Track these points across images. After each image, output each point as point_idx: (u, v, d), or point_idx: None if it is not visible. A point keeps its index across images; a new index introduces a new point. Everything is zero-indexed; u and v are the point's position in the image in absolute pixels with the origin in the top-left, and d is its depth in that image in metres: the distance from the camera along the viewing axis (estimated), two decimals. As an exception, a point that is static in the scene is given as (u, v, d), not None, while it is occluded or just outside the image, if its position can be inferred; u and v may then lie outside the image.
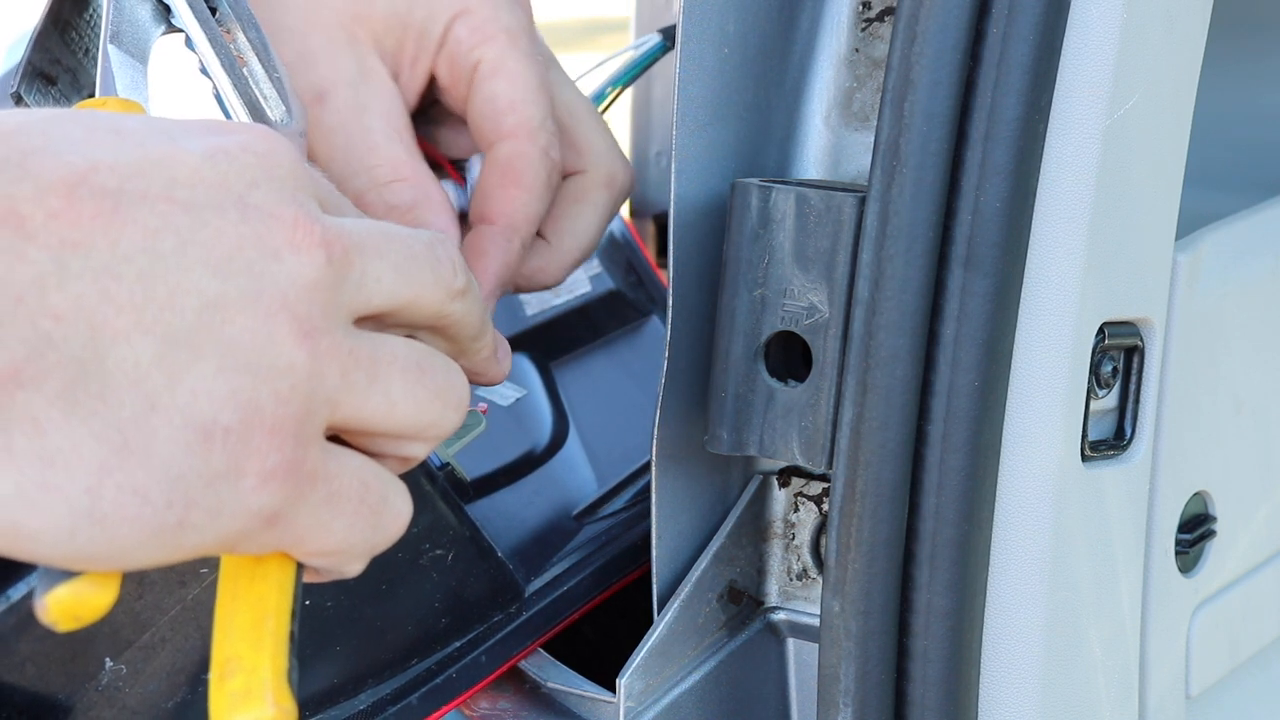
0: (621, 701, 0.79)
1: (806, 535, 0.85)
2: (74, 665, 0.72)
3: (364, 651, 0.78)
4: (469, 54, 0.80)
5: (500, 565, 0.81)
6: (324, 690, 0.77)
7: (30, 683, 0.71)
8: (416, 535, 0.77)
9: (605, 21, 3.67)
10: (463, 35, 0.80)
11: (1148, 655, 0.86)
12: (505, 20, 0.80)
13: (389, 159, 0.78)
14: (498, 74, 0.80)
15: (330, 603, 0.76)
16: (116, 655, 0.72)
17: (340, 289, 0.56)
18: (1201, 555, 0.91)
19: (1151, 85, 0.76)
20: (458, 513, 0.78)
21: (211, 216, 0.54)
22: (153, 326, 0.52)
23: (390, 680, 0.80)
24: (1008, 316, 0.74)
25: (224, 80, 0.71)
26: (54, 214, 0.51)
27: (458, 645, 0.81)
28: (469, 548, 0.79)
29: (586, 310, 1.08)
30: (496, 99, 0.80)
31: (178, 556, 0.54)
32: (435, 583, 0.79)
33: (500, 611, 0.82)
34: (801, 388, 0.76)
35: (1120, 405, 0.82)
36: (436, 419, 0.60)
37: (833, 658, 0.76)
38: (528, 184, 0.80)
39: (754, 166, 0.82)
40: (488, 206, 0.80)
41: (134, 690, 0.72)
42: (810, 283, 0.76)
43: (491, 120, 0.80)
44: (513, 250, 0.79)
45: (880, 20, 0.83)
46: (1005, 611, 0.77)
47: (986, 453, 0.75)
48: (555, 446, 1.00)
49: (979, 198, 0.73)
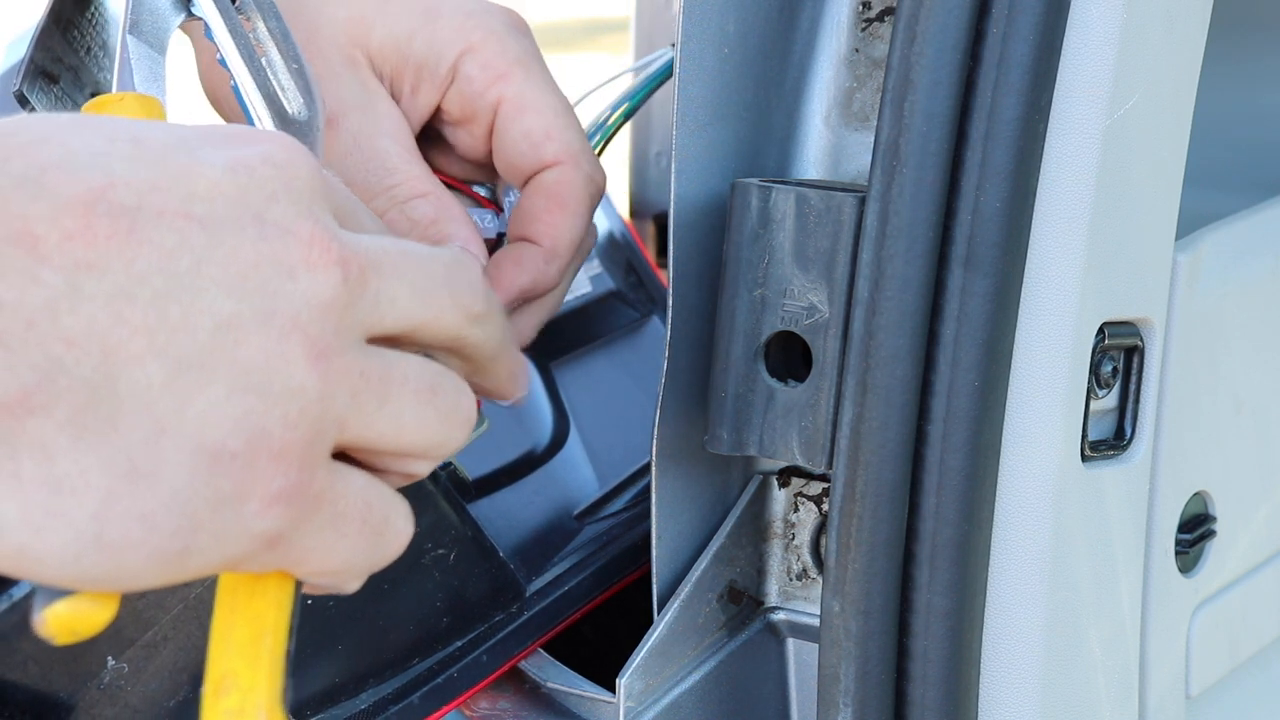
0: (621, 701, 0.79)
1: (806, 535, 0.85)
2: (76, 664, 0.72)
3: (366, 651, 0.78)
4: (485, 93, 0.80)
5: (502, 565, 0.81)
6: (325, 689, 0.77)
7: (33, 681, 0.71)
8: (419, 535, 0.77)
9: (605, 21, 3.67)
10: (474, 73, 0.79)
11: (1148, 655, 0.86)
12: (514, 51, 0.80)
13: (407, 177, 0.78)
14: (525, 110, 0.80)
15: (332, 602, 0.76)
16: (119, 653, 0.72)
17: (355, 308, 0.55)
18: (1201, 555, 0.91)
19: (1151, 85, 0.76)
20: (460, 512, 0.78)
21: (228, 234, 0.53)
22: (165, 349, 0.51)
23: (392, 680, 0.80)
24: (1008, 316, 0.74)
25: (242, 72, 0.70)
26: (69, 235, 0.50)
27: (459, 645, 0.81)
28: (471, 547, 0.79)
29: (586, 310, 1.08)
30: (532, 133, 0.79)
31: (180, 578, 0.54)
32: (437, 582, 0.79)
33: (501, 611, 0.82)
34: (801, 388, 0.76)
35: (1120, 405, 0.82)
36: (444, 440, 0.60)
37: (833, 658, 0.76)
38: (573, 209, 0.79)
39: (754, 166, 0.82)
40: (531, 228, 0.80)
41: (136, 689, 0.73)
42: (810, 283, 0.76)
43: (530, 154, 0.80)
44: (549, 272, 0.79)
45: (880, 20, 0.83)
46: (1005, 611, 0.77)
47: (986, 453, 0.75)
48: (556, 446, 1.00)
49: (979, 198, 0.73)
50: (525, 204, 0.80)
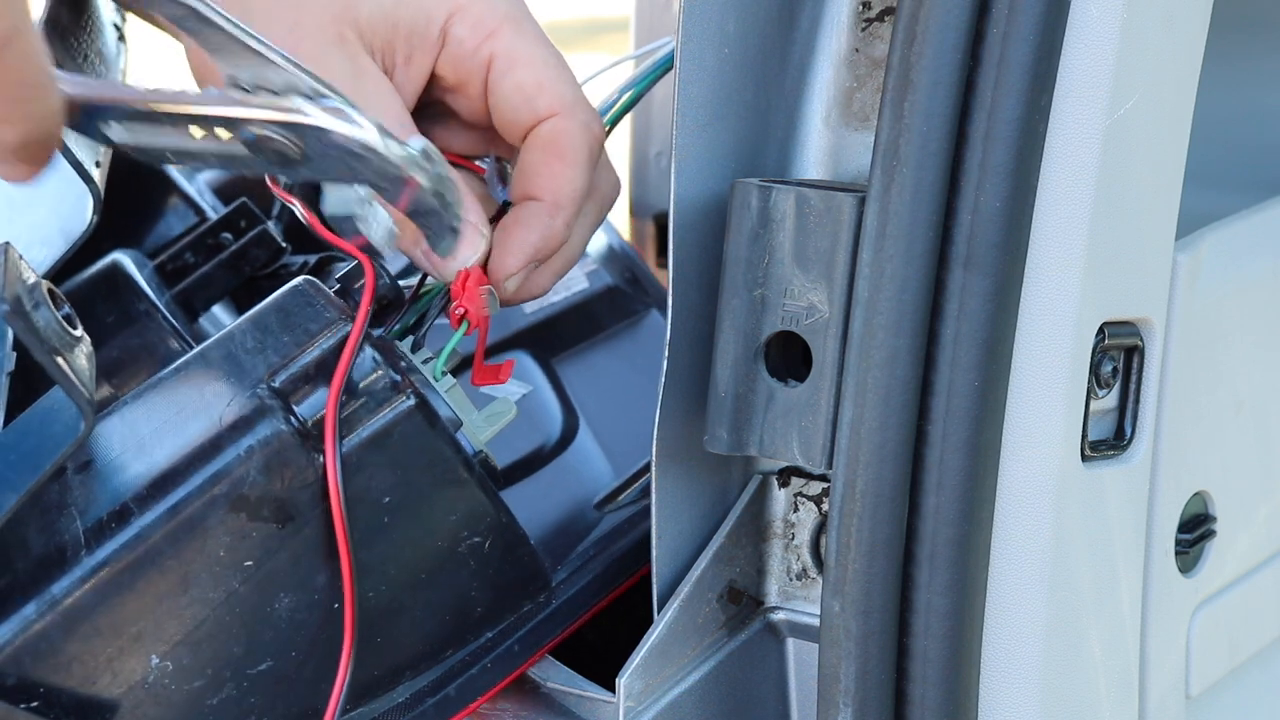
0: (621, 701, 0.79)
1: (806, 535, 0.85)
2: (120, 663, 0.72)
3: (403, 643, 0.78)
4: (476, 53, 0.80)
5: (532, 553, 0.81)
6: (364, 684, 0.78)
7: (77, 683, 0.72)
8: (455, 523, 0.77)
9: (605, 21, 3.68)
10: (464, 34, 0.80)
11: (1148, 655, 0.86)
12: (503, 8, 0.80)
13: None
14: (515, 65, 0.80)
15: (372, 592, 0.76)
16: (162, 652, 0.72)
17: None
18: (1201, 555, 0.91)
19: (1151, 85, 0.76)
20: (494, 500, 0.78)
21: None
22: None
23: (427, 672, 0.80)
24: (1008, 316, 0.74)
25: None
26: None
27: (490, 635, 0.81)
28: (505, 535, 0.79)
29: (585, 306, 1.08)
30: (524, 87, 0.79)
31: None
32: (472, 571, 0.79)
33: (530, 601, 0.82)
34: (801, 388, 0.76)
35: (1120, 405, 0.82)
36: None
37: (833, 658, 0.76)
38: (571, 158, 0.79)
39: (754, 166, 0.82)
40: (532, 184, 0.79)
41: (180, 687, 0.73)
42: (810, 283, 0.76)
43: (524, 108, 0.80)
44: (555, 226, 0.79)
45: (880, 20, 0.83)
46: (1005, 611, 0.77)
47: (986, 453, 0.75)
48: (567, 440, 1.00)
49: (979, 198, 0.73)
50: (523, 160, 0.80)
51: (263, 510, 0.73)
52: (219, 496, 0.72)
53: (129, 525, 0.72)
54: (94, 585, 0.71)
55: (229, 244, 0.99)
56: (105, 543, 0.72)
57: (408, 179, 0.71)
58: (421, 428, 0.75)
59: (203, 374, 0.76)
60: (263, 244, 0.99)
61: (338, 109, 0.69)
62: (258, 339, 0.76)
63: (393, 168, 0.70)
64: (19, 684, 0.71)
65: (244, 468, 0.73)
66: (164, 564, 0.72)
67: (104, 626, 0.72)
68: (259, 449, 0.73)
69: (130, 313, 0.91)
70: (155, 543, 0.72)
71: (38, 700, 0.71)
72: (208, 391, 0.75)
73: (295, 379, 0.74)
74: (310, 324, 0.76)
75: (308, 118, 0.69)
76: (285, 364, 0.75)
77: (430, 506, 0.76)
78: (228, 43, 0.68)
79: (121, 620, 0.72)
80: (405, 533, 0.76)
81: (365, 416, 0.74)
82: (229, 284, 0.99)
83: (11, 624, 0.71)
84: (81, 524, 0.72)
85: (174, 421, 0.75)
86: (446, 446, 0.76)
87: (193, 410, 0.75)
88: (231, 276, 0.99)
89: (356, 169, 0.70)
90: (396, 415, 0.75)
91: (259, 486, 0.73)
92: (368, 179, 0.71)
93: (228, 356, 0.76)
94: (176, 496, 0.72)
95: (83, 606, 0.71)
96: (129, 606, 0.72)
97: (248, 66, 0.69)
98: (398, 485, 0.75)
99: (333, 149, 0.69)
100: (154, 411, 0.75)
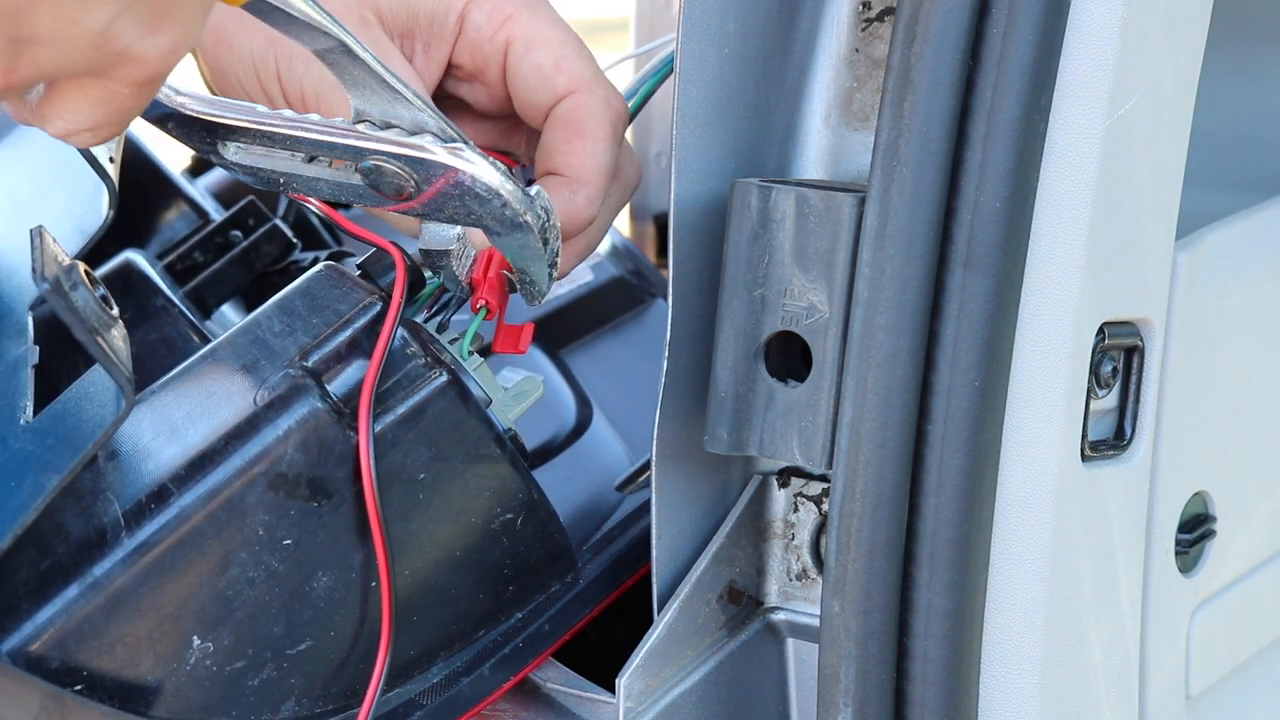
0: (621, 702, 0.79)
1: (806, 535, 0.85)
2: (162, 645, 0.72)
3: (439, 622, 0.79)
4: (493, 38, 0.80)
5: (561, 532, 0.81)
6: (400, 664, 0.78)
7: (120, 666, 0.72)
8: (488, 499, 0.78)
9: (605, 21, 3.67)
10: (481, 21, 0.80)
11: (1148, 655, 0.86)
12: None
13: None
14: (533, 46, 0.80)
15: (408, 570, 0.76)
16: (203, 633, 0.73)
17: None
18: (1201, 555, 0.91)
19: (1151, 85, 0.76)
20: (526, 476, 0.79)
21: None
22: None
23: (460, 653, 0.80)
24: (1008, 316, 0.74)
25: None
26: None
27: (520, 615, 0.82)
28: (536, 512, 0.79)
29: (591, 298, 1.09)
30: (542, 67, 0.80)
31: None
32: (505, 548, 0.79)
33: (558, 581, 0.83)
34: (801, 388, 0.76)
35: (1120, 405, 0.82)
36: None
37: (833, 658, 0.76)
38: (592, 133, 0.79)
39: (754, 166, 0.82)
40: (553, 161, 0.79)
41: (221, 668, 0.73)
42: (810, 283, 0.76)
43: (543, 88, 0.80)
44: (577, 202, 0.79)
45: (880, 20, 0.83)
46: (1005, 611, 0.77)
47: (986, 453, 0.75)
48: (583, 427, 1.01)
49: (979, 198, 0.73)
50: (544, 139, 0.80)
51: (301, 489, 0.73)
52: (259, 475, 0.73)
53: (169, 506, 0.72)
54: (136, 566, 0.72)
55: (238, 241, 1.00)
56: (146, 524, 0.72)
57: (523, 223, 0.72)
58: (455, 404, 0.76)
59: (232, 359, 0.76)
60: (274, 239, 1.00)
61: (462, 150, 0.70)
62: (285, 323, 0.76)
63: (512, 212, 0.71)
64: (63, 666, 0.71)
65: (282, 446, 0.73)
66: (205, 544, 0.72)
67: (146, 607, 0.72)
68: (297, 428, 0.73)
69: (146, 308, 0.92)
70: (197, 523, 0.72)
71: (81, 683, 0.71)
72: (238, 375, 0.75)
73: (328, 358, 0.75)
74: (339, 304, 0.76)
75: (440, 156, 0.70)
76: (317, 344, 0.75)
77: (464, 483, 0.77)
78: (367, 79, 0.69)
79: (163, 601, 0.72)
80: (440, 509, 0.77)
81: (399, 393, 0.75)
82: (240, 280, 1.00)
83: (55, 605, 0.71)
84: (120, 506, 0.73)
85: (206, 405, 0.75)
86: (480, 423, 0.77)
87: (224, 394, 0.75)
88: (243, 272, 1.00)
89: (475, 210, 0.72)
90: (430, 392, 0.75)
91: (297, 464, 0.73)
92: (483, 221, 0.72)
93: (255, 341, 0.76)
94: (216, 477, 0.73)
95: (125, 588, 0.72)
96: (170, 587, 0.72)
97: (380, 103, 0.70)
98: (432, 461, 0.76)
99: (455, 189, 0.71)
100: (184, 397, 0.76)
